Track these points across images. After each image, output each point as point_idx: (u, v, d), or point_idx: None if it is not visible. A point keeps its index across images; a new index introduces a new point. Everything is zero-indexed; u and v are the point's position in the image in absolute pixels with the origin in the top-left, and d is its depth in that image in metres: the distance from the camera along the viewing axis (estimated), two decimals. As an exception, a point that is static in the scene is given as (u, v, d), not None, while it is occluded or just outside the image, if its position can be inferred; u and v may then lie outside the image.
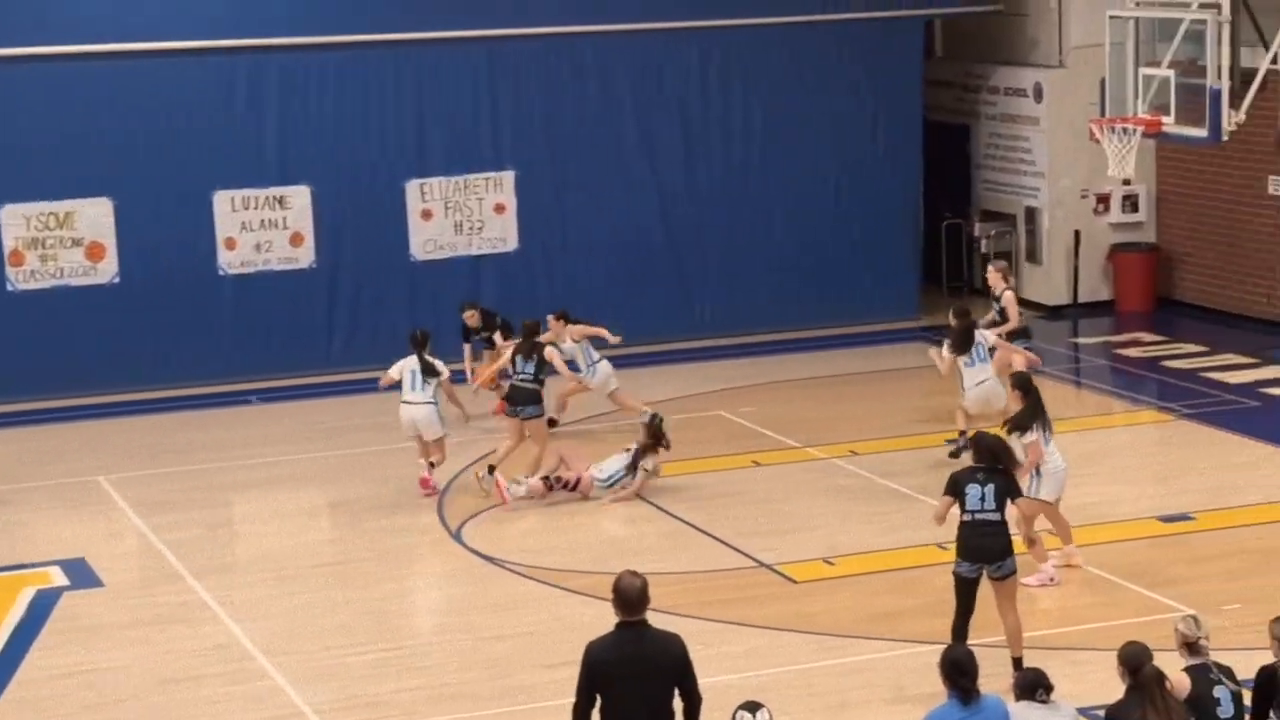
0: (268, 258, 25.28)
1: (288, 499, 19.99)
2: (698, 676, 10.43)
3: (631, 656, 10.24)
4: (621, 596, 10.28)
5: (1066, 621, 15.49)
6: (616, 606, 10.32)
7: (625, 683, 10.22)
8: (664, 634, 10.41)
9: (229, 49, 24.73)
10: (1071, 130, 27.11)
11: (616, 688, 10.24)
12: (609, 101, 26.44)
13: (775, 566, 17.28)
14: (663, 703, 10.29)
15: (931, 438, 21.30)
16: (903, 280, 27.84)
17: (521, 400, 19.71)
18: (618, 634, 10.33)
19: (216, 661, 15.38)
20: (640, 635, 10.29)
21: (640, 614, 10.30)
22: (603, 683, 10.26)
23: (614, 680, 10.24)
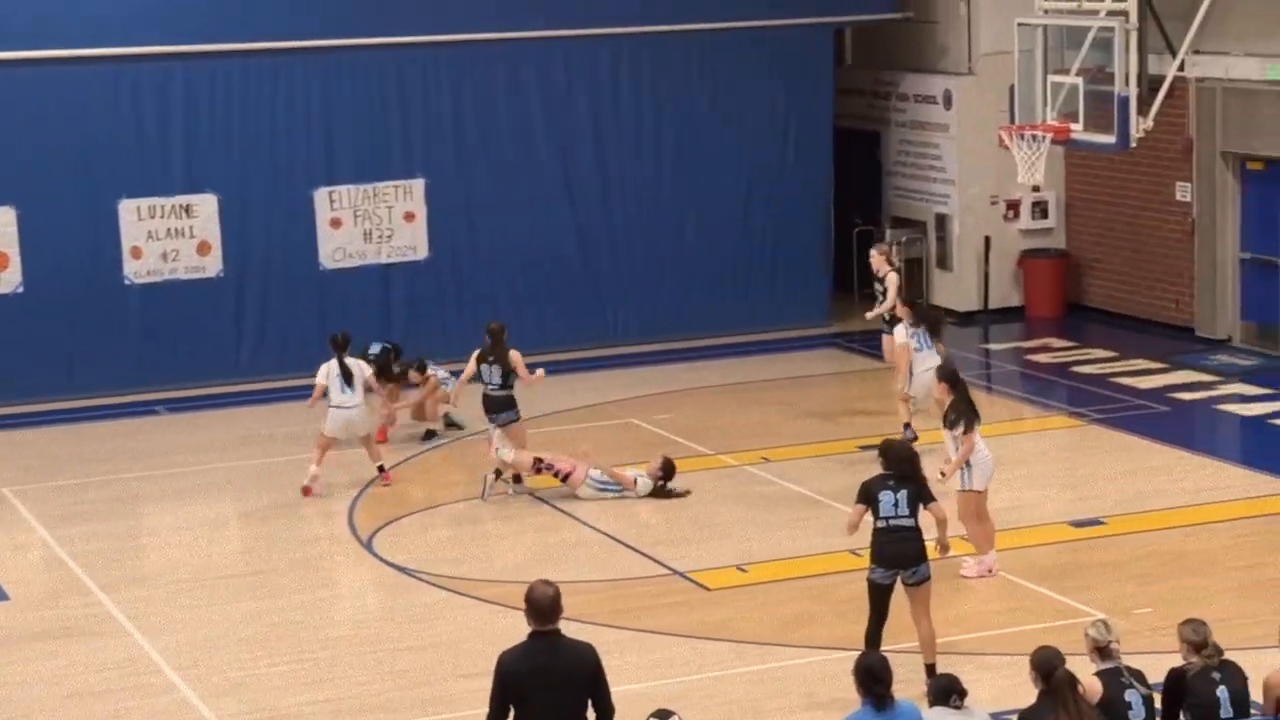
0: (174, 267, 25.05)
1: (196, 510, 19.80)
2: (610, 686, 10.36)
3: (544, 666, 10.16)
4: (534, 606, 10.20)
5: (978, 627, 15.51)
6: (529, 616, 10.24)
7: (538, 693, 10.14)
8: (577, 643, 10.34)
9: (135, 56, 24.49)
10: (981, 137, 27.23)
11: (529, 698, 10.16)
12: (520, 108, 26.35)
13: (688, 574, 17.24)
14: (575, 713, 10.21)
15: (843, 444, 21.34)
16: (814, 287, 27.89)
17: (496, 408, 19.57)
18: (530, 644, 10.25)
19: (124, 675, 15.20)
20: (553, 645, 10.22)
21: (553, 623, 10.22)
22: (515, 693, 10.18)
23: (527, 691, 10.16)
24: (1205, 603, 15.64)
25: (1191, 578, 16.63)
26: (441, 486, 20.51)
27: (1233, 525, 18.10)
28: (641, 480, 19.62)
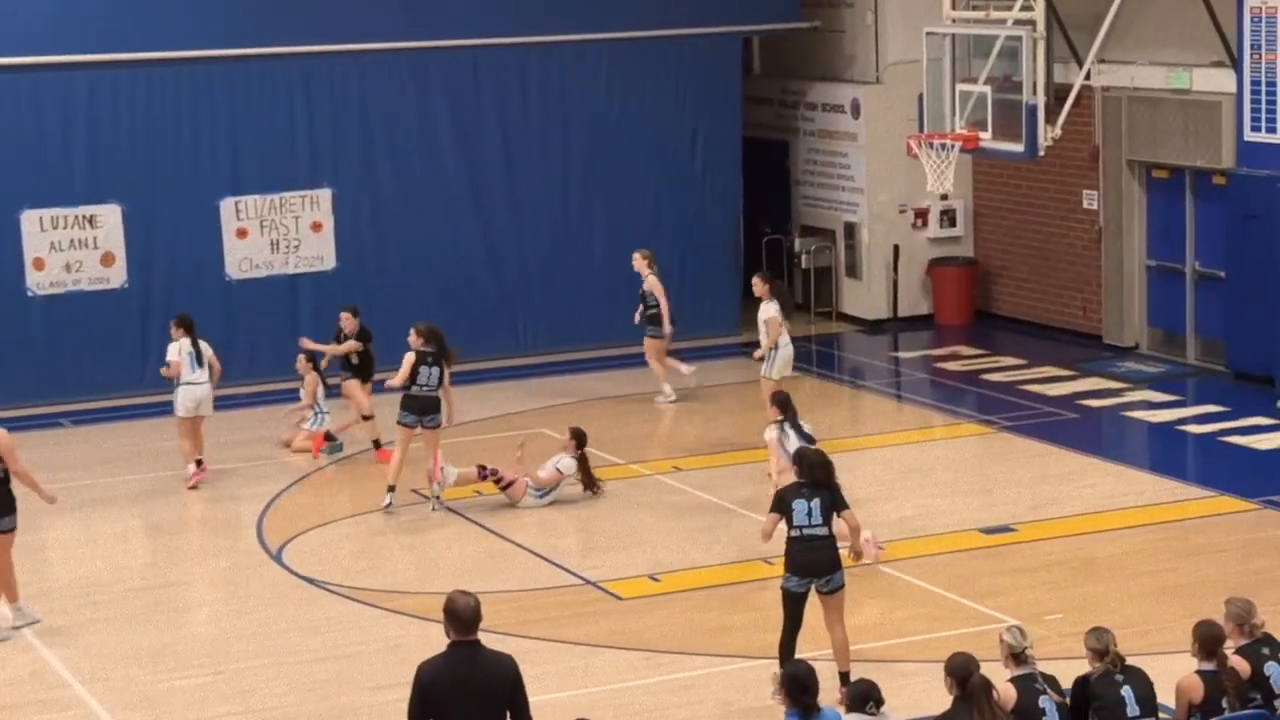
0: (78, 278, 24.81)
1: (102, 522, 19.59)
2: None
3: (463, 677, 10.09)
4: (454, 616, 10.12)
5: (891, 634, 15.53)
6: (449, 626, 10.16)
7: (457, 704, 10.07)
8: (496, 654, 10.28)
9: (37, 65, 24.25)
10: (889, 146, 27.34)
11: (448, 709, 10.08)
12: (427, 118, 26.27)
13: (600, 584, 17.19)
14: None
15: (755, 453, 21.32)
16: (723, 296, 27.93)
17: (431, 409, 19.49)
18: (449, 654, 10.18)
19: (31, 689, 15.03)
20: (473, 656, 10.15)
21: (473, 633, 10.16)
22: (434, 704, 10.10)
23: (446, 701, 10.08)
24: (1115, 608, 15.76)
25: (1101, 584, 16.72)
26: (348, 499, 20.37)
27: (1141, 531, 18.21)
28: (564, 462, 19.56)
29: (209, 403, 20.72)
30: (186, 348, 20.47)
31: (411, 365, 19.49)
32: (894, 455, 21.37)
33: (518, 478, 19.47)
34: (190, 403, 20.53)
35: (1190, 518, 18.65)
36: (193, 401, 20.53)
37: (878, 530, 17.67)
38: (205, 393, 20.62)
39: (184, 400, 20.53)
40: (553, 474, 19.57)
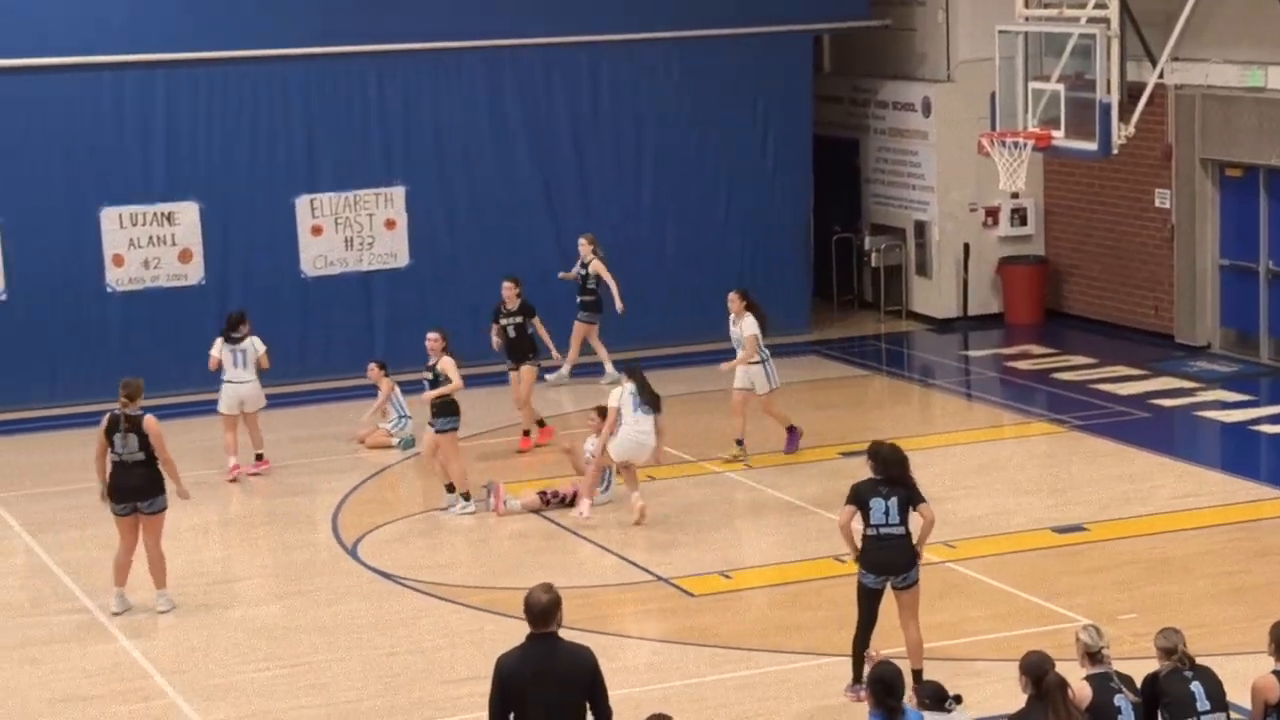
0: (156, 274, 25.08)
1: (181, 515, 19.73)
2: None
3: (541, 669, 10.22)
4: (528, 609, 10.30)
5: (964, 633, 15.56)
6: (527, 619, 10.31)
7: (535, 695, 10.20)
8: (575, 646, 10.40)
9: (117, 64, 24.52)
10: (960, 144, 27.33)
11: (527, 700, 10.22)
12: (499, 116, 26.41)
13: (672, 580, 17.28)
14: (573, 716, 10.25)
15: (825, 450, 21.41)
16: (794, 295, 27.94)
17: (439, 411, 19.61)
18: (527, 646, 10.33)
19: (112, 681, 15.22)
20: (551, 648, 10.27)
21: (548, 627, 10.28)
22: (514, 695, 10.24)
23: (524, 693, 10.21)
24: (1187, 609, 15.77)
25: (1173, 584, 16.72)
26: (422, 494, 20.52)
27: (1213, 531, 18.18)
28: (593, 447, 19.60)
29: (253, 400, 21.05)
30: (226, 345, 21.05)
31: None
32: (964, 454, 21.38)
33: (574, 490, 19.55)
34: (233, 400, 21.00)
35: (1263, 518, 18.58)
36: (235, 399, 20.99)
37: (949, 529, 17.74)
38: (248, 391, 20.97)
39: (225, 398, 21.06)
40: (599, 465, 19.59)
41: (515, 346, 22.08)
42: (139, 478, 16.49)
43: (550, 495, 19.57)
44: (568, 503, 19.51)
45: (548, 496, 19.55)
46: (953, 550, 17.55)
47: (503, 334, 22.16)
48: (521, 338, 22.06)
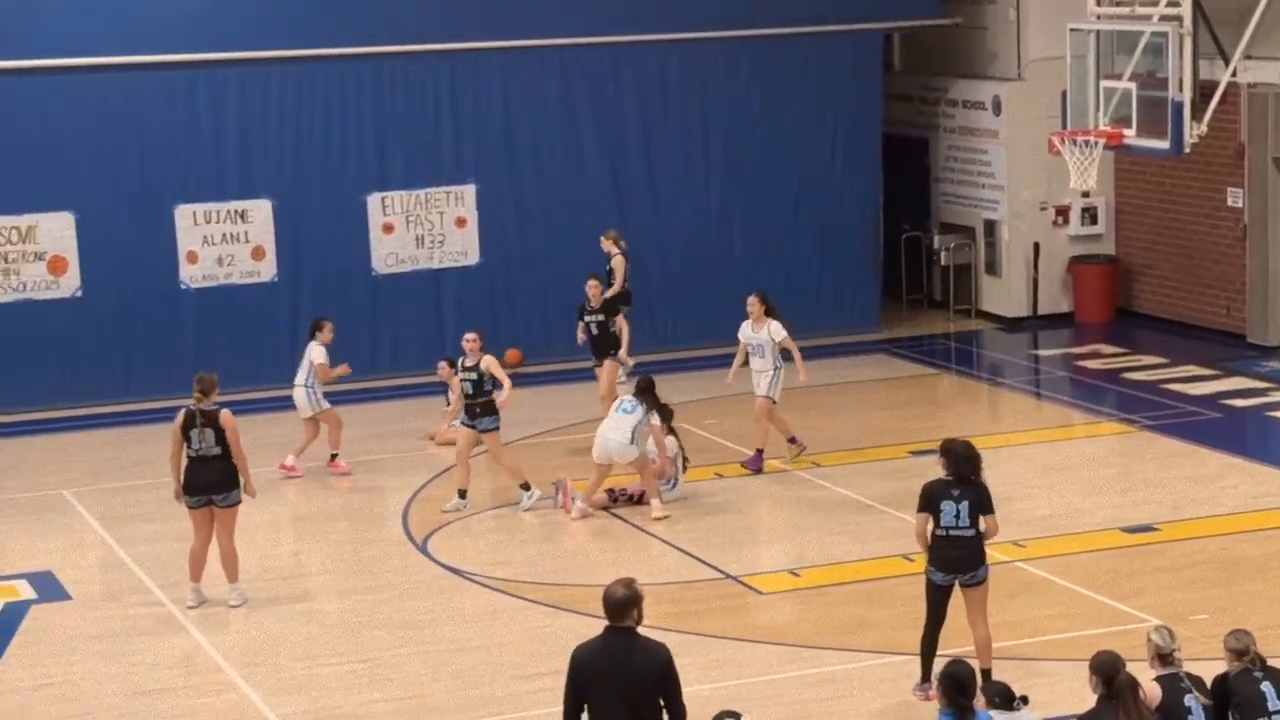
0: (229, 271, 25.28)
1: (252, 511, 19.84)
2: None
3: (613, 662, 10.33)
4: (606, 602, 10.42)
5: (1032, 632, 15.54)
6: (605, 611, 10.44)
7: (607, 689, 10.30)
8: (650, 643, 10.48)
9: (191, 63, 24.74)
10: (1030, 143, 27.25)
11: (599, 693, 10.33)
12: (569, 114, 26.50)
13: (741, 578, 17.32)
14: (645, 712, 10.32)
15: (894, 449, 21.41)
16: (863, 293, 27.95)
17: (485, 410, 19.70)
18: (603, 639, 10.45)
19: (186, 674, 15.37)
20: (626, 643, 10.37)
21: (624, 621, 10.39)
22: (586, 686, 10.36)
23: (596, 685, 10.33)
24: (1259, 610, 15.71)
25: (1244, 585, 16.65)
26: (491, 491, 20.60)
27: (1285, 532, 18.13)
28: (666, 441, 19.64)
29: (306, 405, 21.14)
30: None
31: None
32: (1034, 453, 21.34)
33: (642, 489, 19.62)
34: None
35: (1336, 519, 18.53)
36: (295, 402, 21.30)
37: (1019, 528, 17.72)
38: (299, 396, 21.19)
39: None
40: (663, 460, 19.70)
41: (598, 343, 22.21)
42: (215, 472, 16.66)
43: (619, 493, 19.64)
44: (636, 500, 19.57)
45: (616, 494, 19.62)
46: (1022, 550, 17.55)
47: (586, 330, 22.30)
48: (604, 334, 22.18)
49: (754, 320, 20.75)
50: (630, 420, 19.14)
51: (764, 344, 20.64)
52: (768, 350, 20.63)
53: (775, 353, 20.63)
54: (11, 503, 20.68)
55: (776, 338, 20.59)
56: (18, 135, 24.20)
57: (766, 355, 20.64)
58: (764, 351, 20.65)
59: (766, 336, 20.61)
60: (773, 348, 20.62)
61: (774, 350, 20.62)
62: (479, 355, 19.61)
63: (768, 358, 20.63)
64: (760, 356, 20.68)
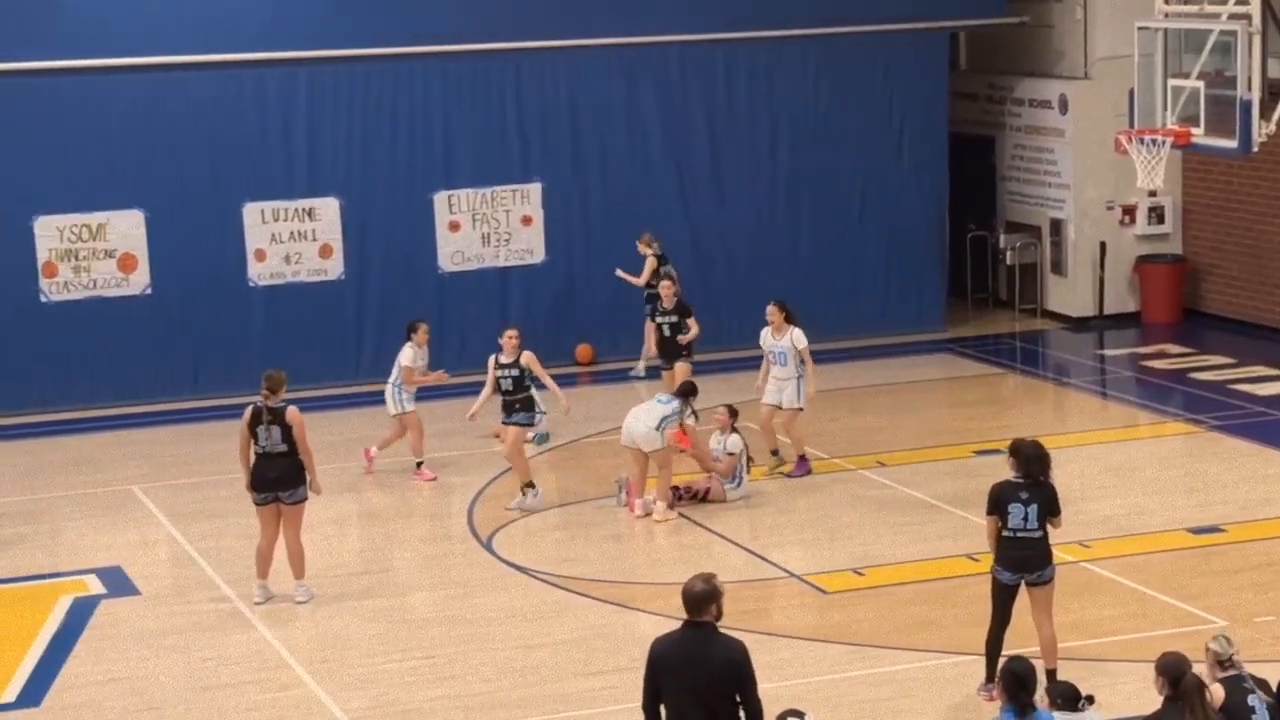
0: (297, 269, 25.44)
1: (318, 509, 19.98)
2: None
3: (690, 657, 10.44)
4: (685, 596, 10.57)
5: (1098, 633, 15.52)
6: (684, 605, 10.58)
7: (682, 682, 10.40)
8: (727, 639, 10.58)
9: (259, 62, 24.90)
10: (1097, 142, 27.15)
11: (674, 686, 10.44)
12: (634, 112, 26.55)
13: (805, 577, 17.34)
14: (720, 708, 10.39)
15: (959, 449, 21.38)
16: (928, 292, 27.91)
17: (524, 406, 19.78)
18: (681, 632, 10.59)
19: (253, 669, 15.49)
20: (703, 637, 10.49)
21: (702, 615, 10.50)
22: (661, 678, 10.48)
23: (670, 677, 10.45)
24: (1326, 611, 15.65)
25: (1312, 586, 16.59)
26: (556, 489, 20.67)
27: (1353, 533, 18.03)
28: (731, 440, 19.72)
29: (390, 404, 21.16)
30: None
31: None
32: (1099, 453, 21.28)
33: (707, 486, 19.65)
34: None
35: (1406, 521, 18.41)
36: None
37: (1084, 529, 17.68)
38: (386, 394, 21.29)
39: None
40: (728, 458, 19.71)
41: (669, 345, 22.19)
42: (281, 468, 16.77)
43: (683, 490, 19.67)
44: (700, 498, 19.61)
45: (680, 492, 19.65)
46: (1088, 550, 17.51)
47: (658, 332, 22.31)
48: (675, 336, 22.17)
49: (775, 329, 20.63)
50: (661, 410, 19.19)
51: (786, 351, 20.51)
52: (789, 358, 20.50)
53: (797, 360, 20.51)
54: (82, 498, 20.88)
55: (799, 345, 20.47)
56: (88, 134, 24.41)
57: (789, 363, 20.50)
58: (785, 359, 20.50)
59: (789, 344, 20.48)
60: (794, 355, 20.49)
61: (795, 358, 20.50)
62: (518, 352, 19.65)
63: (789, 365, 20.50)
64: (782, 364, 20.53)
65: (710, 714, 10.40)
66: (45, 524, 20.04)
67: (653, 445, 19.10)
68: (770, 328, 20.68)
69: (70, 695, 15.00)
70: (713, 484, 19.67)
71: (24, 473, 21.98)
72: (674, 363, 22.21)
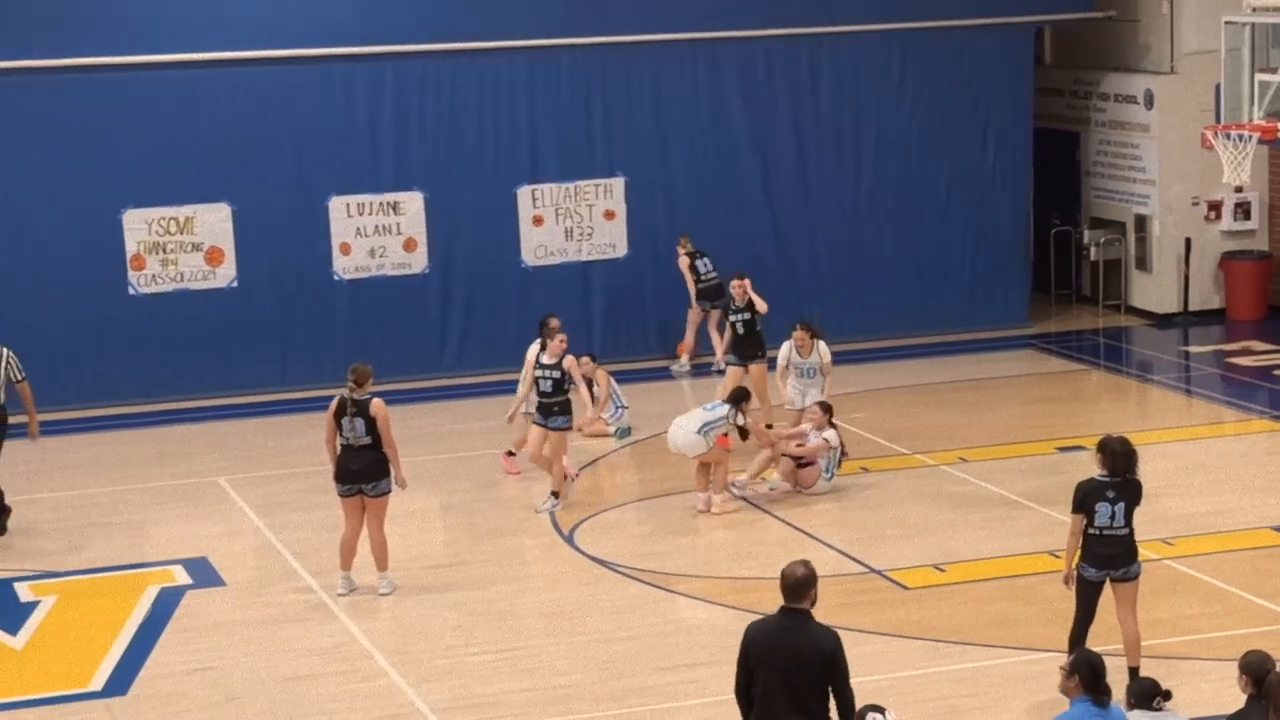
0: (382, 263, 25.61)
1: (402, 501, 20.10)
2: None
3: (781, 642, 10.58)
4: (783, 581, 10.73)
5: (1180, 631, 15.46)
6: (781, 590, 10.74)
7: (773, 668, 10.54)
8: (820, 628, 10.70)
9: (346, 56, 25.08)
10: (1182, 137, 27.00)
11: (763, 670, 10.57)
12: (718, 107, 26.57)
13: (886, 573, 17.34)
14: (808, 696, 10.49)
15: (1041, 445, 21.31)
16: (1012, 288, 27.82)
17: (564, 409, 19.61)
18: (774, 618, 10.75)
19: (335, 660, 15.61)
20: (797, 624, 10.63)
21: (797, 602, 10.66)
22: (753, 662, 10.62)
23: (761, 662, 10.58)
24: None
25: (1398, 585, 16.47)
26: (637, 483, 20.74)
27: None
28: (828, 433, 19.70)
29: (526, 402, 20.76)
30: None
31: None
32: (1183, 451, 21.17)
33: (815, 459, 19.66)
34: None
35: None
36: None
37: (1168, 526, 17.61)
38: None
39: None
40: (821, 443, 19.71)
41: (744, 343, 22.21)
42: (365, 461, 16.88)
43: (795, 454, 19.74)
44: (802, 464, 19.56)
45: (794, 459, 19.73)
46: (1171, 548, 17.44)
47: (732, 330, 22.32)
48: (750, 334, 22.17)
49: (802, 348, 20.59)
50: (706, 417, 19.21)
51: (814, 366, 20.55)
52: (818, 371, 20.52)
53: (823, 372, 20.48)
54: (168, 489, 21.09)
55: (825, 358, 20.45)
56: (176, 128, 24.64)
57: (817, 375, 20.52)
58: (815, 373, 20.54)
59: (817, 358, 20.47)
60: (821, 368, 20.47)
61: (822, 370, 20.48)
62: (564, 354, 19.51)
63: (818, 377, 20.52)
64: (810, 377, 20.55)
65: (798, 701, 10.49)
66: (133, 515, 20.25)
67: (697, 450, 19.17)
68: (794, 346, 20.61)
69: (156, 685, 15.17)
70: (812, 469, 19.65)
71: (112, 464, 22.23)
72: (749, 363, 22.13)
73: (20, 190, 24.26)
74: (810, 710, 10.52)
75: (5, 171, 24.20)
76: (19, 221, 24.28)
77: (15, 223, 24.27)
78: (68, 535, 19.40)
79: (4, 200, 24.22)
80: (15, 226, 24.28)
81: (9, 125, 24.16)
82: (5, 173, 24.21)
